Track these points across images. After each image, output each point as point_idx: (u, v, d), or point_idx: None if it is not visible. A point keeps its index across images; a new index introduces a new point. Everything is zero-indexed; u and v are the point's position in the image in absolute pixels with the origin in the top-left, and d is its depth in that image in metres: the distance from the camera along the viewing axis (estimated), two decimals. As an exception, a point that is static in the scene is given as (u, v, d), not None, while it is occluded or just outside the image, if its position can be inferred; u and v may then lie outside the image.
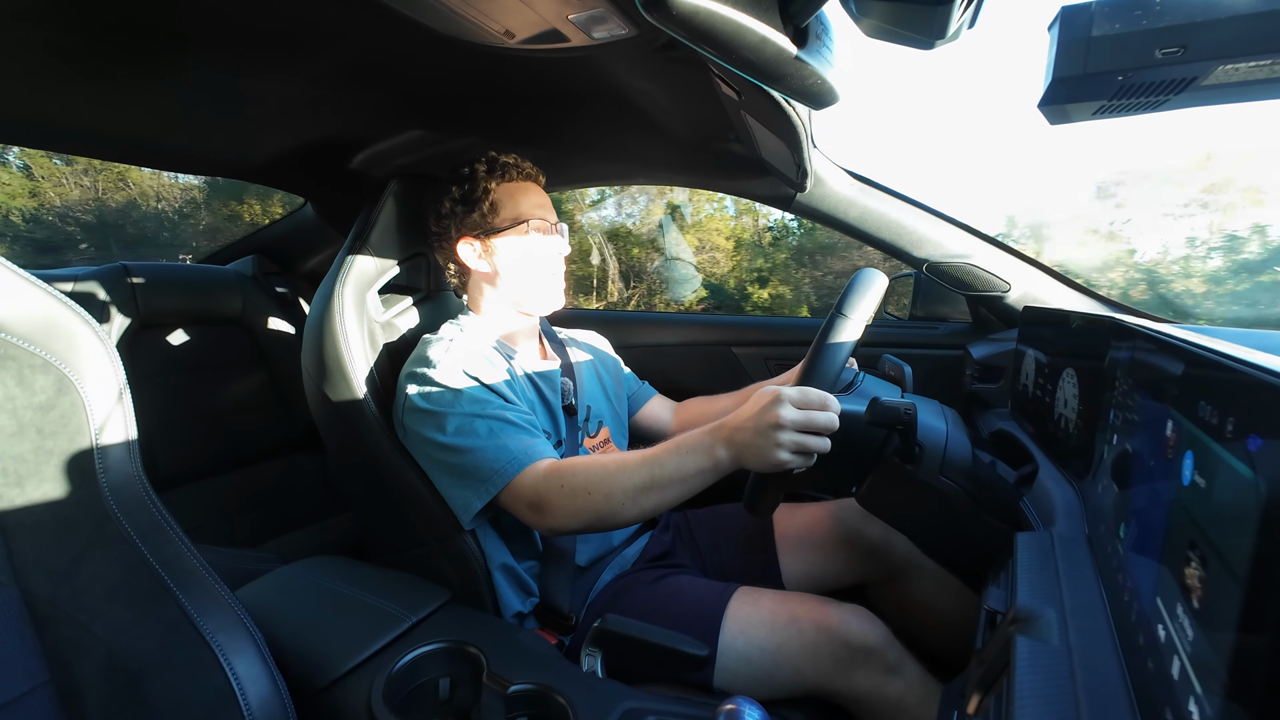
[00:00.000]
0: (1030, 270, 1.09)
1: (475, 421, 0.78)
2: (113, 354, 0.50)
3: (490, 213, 0.92)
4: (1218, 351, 0.31)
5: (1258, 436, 0.25)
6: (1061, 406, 0.68)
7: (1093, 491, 0.54)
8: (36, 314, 0.46)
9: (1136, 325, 0.49)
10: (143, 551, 0.49)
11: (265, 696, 0.52)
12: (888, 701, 0.72)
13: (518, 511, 0.77)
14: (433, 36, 0.65)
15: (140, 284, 1.29)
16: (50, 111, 0.88)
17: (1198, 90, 0.42)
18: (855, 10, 0.43)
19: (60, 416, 0.47)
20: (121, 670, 0.47)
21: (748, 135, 0.92)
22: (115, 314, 1.25)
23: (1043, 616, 0.40)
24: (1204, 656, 0.26)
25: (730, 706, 0.47)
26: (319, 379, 0.86)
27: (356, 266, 0.90)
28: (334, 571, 0.82)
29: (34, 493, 0.46)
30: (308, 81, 0.84)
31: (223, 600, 0.53)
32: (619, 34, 0.61)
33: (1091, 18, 0.41)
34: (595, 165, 1.26)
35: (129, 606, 0.48)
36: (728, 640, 0.75)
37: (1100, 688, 0.34)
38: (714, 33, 0.46)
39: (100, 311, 1.22)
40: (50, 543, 0.46)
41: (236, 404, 1.46)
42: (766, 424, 0.65)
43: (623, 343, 1.37)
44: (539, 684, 0.59)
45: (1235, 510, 0.26)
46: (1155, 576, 0.34)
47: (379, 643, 0.67)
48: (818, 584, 0.95)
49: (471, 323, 0.94)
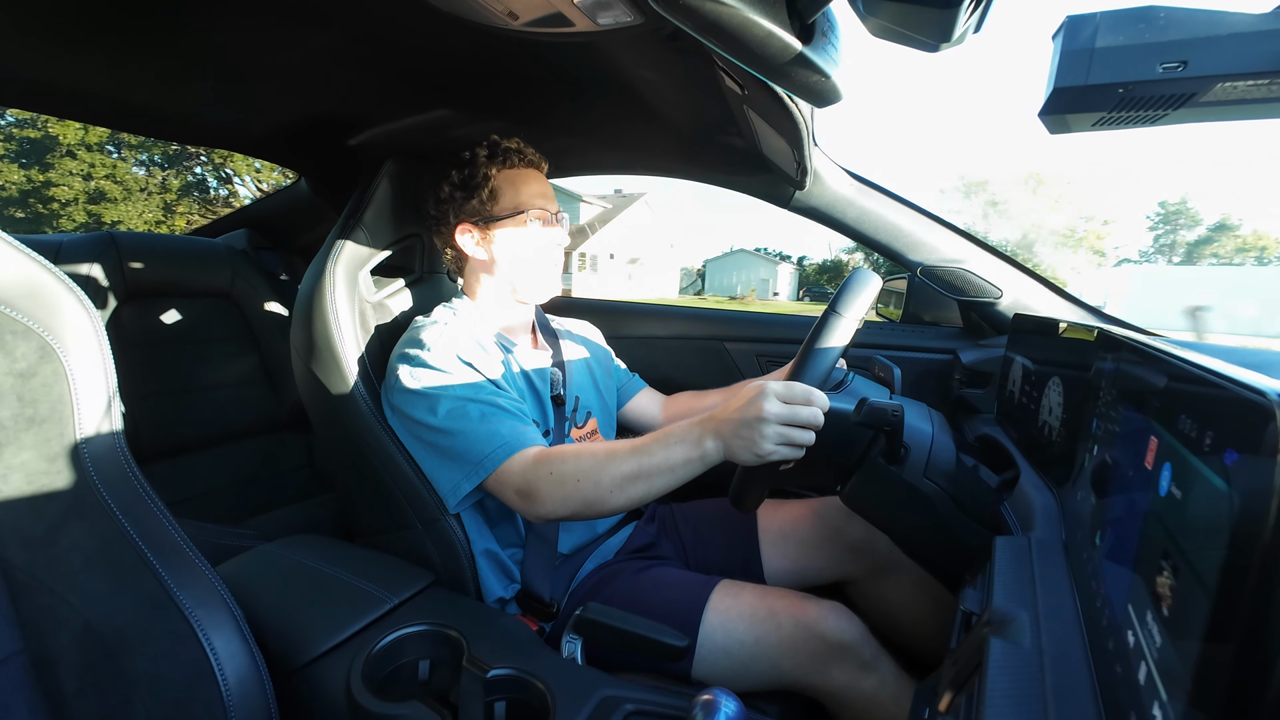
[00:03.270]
0: (1022, 278, 1.10)
1: (468, 405, 0.78)
2: (97, 323, 0.49)
3: (490, 200, 0.91)
4: (1201, 366, 0.32)
5: (1234, 451, 0.26)
6: (1046, 414, 0.69)
7: (1072, 499, 0.55)
8: (19, 279, 0.45)
9: (1123, 337, 0.50)
10: (122, 523, 0.49)
11: (243, 672, 0.52)
12: (862, 697, 0.73)
13: (505, 497, 0.77)
14: (435, 14, 0.65)
15: (128, 253, 1.27)
16: (43, 72, 0.86)
17: (1196, 106, 0.43)
18: (862, 9, 0.43)
19: (42, 384, 0.46)
20: (98, 641, 0.47)
21: (749, 130, 0.92)
22: (101, 283, 1.23)
23: (1017, 619, 0.41)
24: (1170, 663, 0.27)
25: (707, 697, 0.48)
26: (307, 357, 0.85)
27: (349, 245, 0.89)
28: (317, 551, 0.82)
29: (12, 460, 0.45)
30: (307, 55, 0.83)
31: (203, 575, 0.52)
32: (624, 21, 0.61)
33: (1096, 28, 0.41)
34: (595, 153, 1.25)
35: (107, 578, 0.48)
36: (707, 632, 0.76)
37: (1069, 690, 0.35)
38: (720, 24, 0.46)
39: (85, 280, 1.20)
40: (28, 511, 0.46)
41: (223, 379, 1.44)
42: (752, 416, 0.65)
43: (615, 333, 1.37)
44: (518, 669, 0.59)
45: (1209, 522, 0.26)
46: (1128, 584, 0.35)
47: (360, 623, 0.67)
48: (798, 580, 0.96)
49: (465, 307, 0.94)
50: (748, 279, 45.37)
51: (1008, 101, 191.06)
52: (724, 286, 45.56)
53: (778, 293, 44.90)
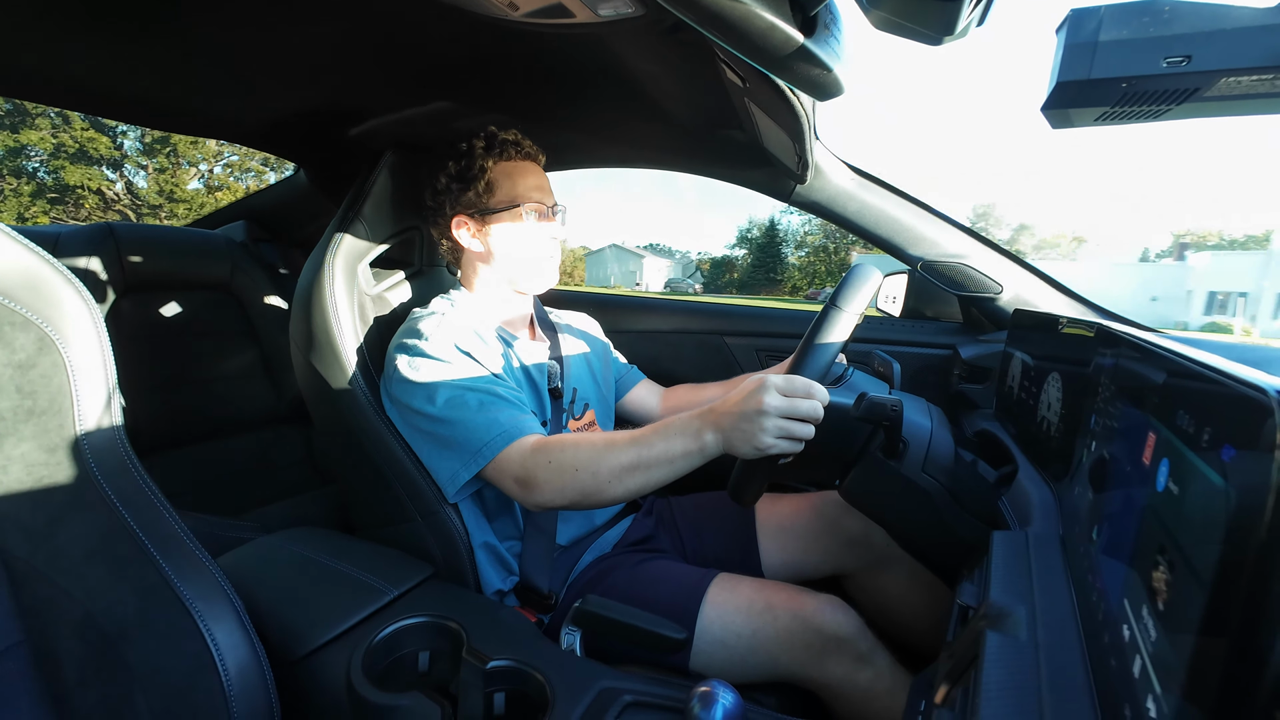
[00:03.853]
0: (1023, 273, 1.10)
1: (466, 394, 0.78)
2: (96, 314, 0.49)
3: (486, 192, 0.90)
4: (1199, 362, 0.32)
5: (1232, 447, 0.26)
6: (1045, 410, 0.69)
7: (1069, 494, 0.55)
8: (18, 270, 0.45)
9: (1122, 333, 0.50)
10: (123, 515, 0.49)
11: (244, 663, 0.52)
12: (858, 689, 0.74)
13: (504, 485, 0.77)
14: (436, 4, 0.64)
15: (126, 245, 1.26)
16: (42, 61, 0.86)
17: (1199, 101, 0.43)
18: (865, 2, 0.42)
19: (41, 375, 0.46)
20: (99, 633, 0.47)
21: (751, 124, 0.91)
22: (100, 275, 1.22)
23: (1013, 613, 0.41)
24: (1165, 657, 0.27)
25: (705, 689, 0.48)
26: (306, 350, 0.85)
27: (348, 238, 0.89)
28: (316, 543, 0.82)
29: (12, 451, 0.45)
30: (308, 46, 0.82)
31: (203, 566, 0.53)
32: (625, 12, 0.60)
33: (1100, 22, 0.41)
34: (595, 146, 1.24)
35: (107, 569, 0.48)
36: (705, 625, 0.77)
37: (1064, 683, 0.35)
38: (721, 16, 0.46)
39: (84, 272, 1.20)
40: (27, 503, 0.46)
41: (223, 371, 1.44)
42: (752, 409, 0.65)
43: (615, 327, 1.37)
44: (517, 660, 0.60)
45: (1205, 518, 0.26)
46: (1124, 578, 0.35)
47: (360, 614, 0.67)
48: (796, 573, 0.97)
49: (463, 299, 0.93)
50: (620, 271, 52.12)
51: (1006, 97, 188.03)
52: (600, 278, 52.06)
53: (639, 283, 52.14)
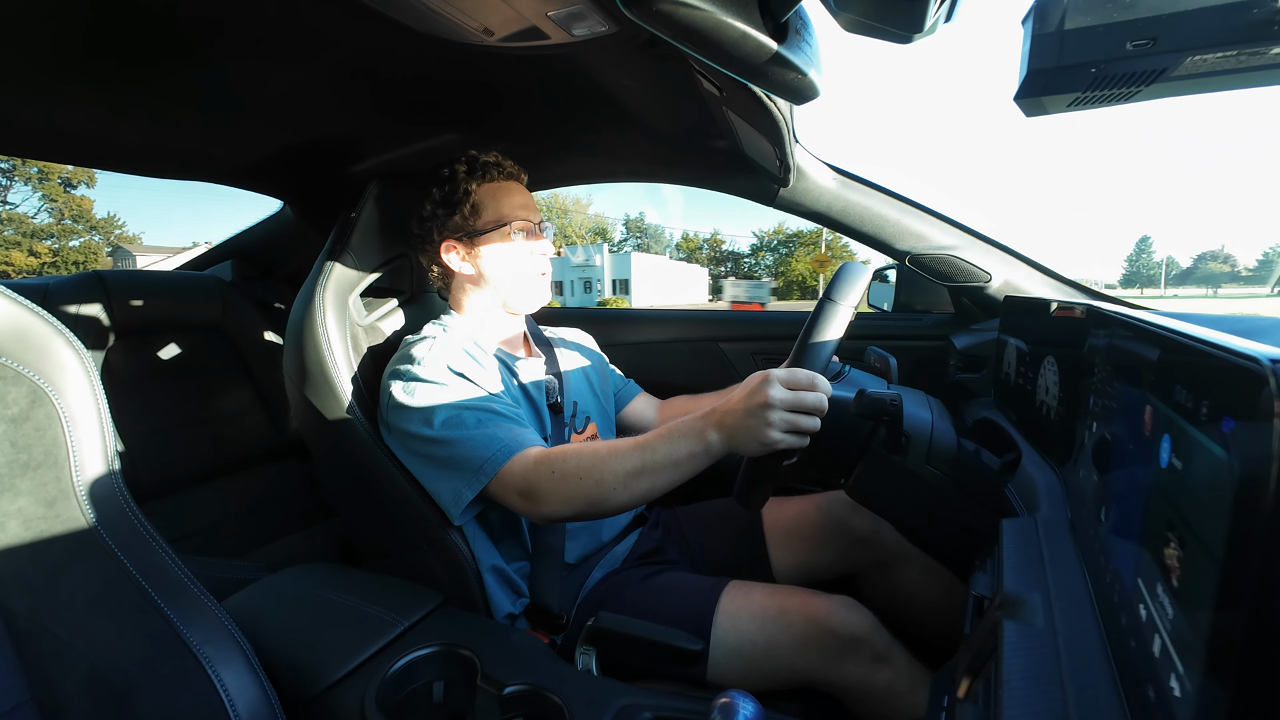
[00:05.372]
0: (1011, 261, 1.11)
1: (463, 413, 0.78)
2: (88, 364, 0.49)
3: (472, 215, 0.91)
4: (1192, 336, 0.32)
5: (1231, 419, 0.26)
6: (1043, 394, 0.69)
7: (1074, 476, 0.55)
8: (7, 324, 0.45)
9: (1113, 312, 0.50)
10: (124, 563, 0.48)
11: (255, 706, 0.51)
12: (877, 689, 0.73)
13: (508, 501, 0.76)
14: (412, 35, 0.65)
15: (115, 292, 1.26)
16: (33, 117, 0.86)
17: (1168, 81, 0.43)
18: (834, 5, 0.43)
19: (35, 429, 0.46)
20: (105, 685, 0.46)
21: (730, 131, 0.92)
22: (91, 323, 1.22)
23: (1028, 600, 0.41)
24: (1183, 634, 0.27)
25: (725, 700, 0.48)
26: (301, 384, 0.85)
27: (337, 269, 0.89)
28: (323, 578, 0.81)
29: (9, 507, 0.45)
30: (288, 84, 0.83)
31: (208, 610, 0.52)
32: (599, 31, 0.61)
33: (1064, 11, 0.42)
34: (578, 163, 1.25)
35: (111, 619, 0.47)
36: (719, 634, 0.76)
37: (1085, 668, 0.35)
38: (694, 29, 0.46)
39: (75, 321, 1.19)
40: (27, 557, 0.45)
41: (220, 411, 1.43)
42: (756, 404, 0.65)
43: (609, 341, 1.37)
44: (533, 684, 0.59)
45: (1211, 491, 0.26)
46: (1135, 558, 0.35)
47: (371, 648, 0.66)
48: (807, 576, 0.96)
49: (455, 322, 0.93)
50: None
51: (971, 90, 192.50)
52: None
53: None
